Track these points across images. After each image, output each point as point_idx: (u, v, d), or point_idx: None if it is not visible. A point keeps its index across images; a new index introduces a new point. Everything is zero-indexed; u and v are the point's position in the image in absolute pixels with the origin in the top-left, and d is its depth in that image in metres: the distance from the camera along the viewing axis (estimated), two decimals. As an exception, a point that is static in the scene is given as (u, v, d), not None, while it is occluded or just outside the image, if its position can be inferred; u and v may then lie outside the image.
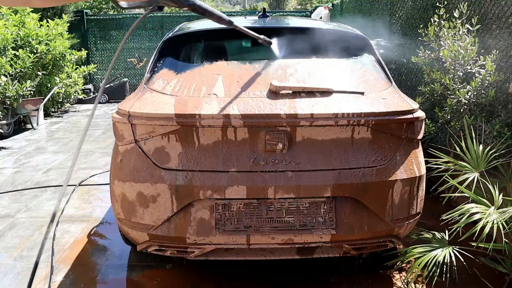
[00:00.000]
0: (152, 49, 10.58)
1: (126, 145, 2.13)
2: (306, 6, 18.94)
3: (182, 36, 2.56)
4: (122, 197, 2.14)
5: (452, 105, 2.91)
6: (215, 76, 2.30)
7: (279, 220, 2.08)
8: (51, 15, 9.35)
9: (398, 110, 2.10)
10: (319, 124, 2.02)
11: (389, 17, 5.25)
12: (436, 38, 3.23)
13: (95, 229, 3.22)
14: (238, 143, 2.05)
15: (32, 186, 4.16)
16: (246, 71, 2.32)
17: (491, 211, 2.12)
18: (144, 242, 2.21)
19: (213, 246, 2.13)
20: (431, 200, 3.25)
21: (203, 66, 2.39)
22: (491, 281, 2.39)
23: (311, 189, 2.04)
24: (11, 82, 6.31)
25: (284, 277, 2.53)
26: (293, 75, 2.28)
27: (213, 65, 2.39)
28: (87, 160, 5.08)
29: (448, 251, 2.24)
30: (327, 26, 2.78)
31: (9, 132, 6.47)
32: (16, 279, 2.55)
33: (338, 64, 2.47)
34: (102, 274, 2.61)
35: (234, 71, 2.33)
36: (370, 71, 2.46)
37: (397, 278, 2.52)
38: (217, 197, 2.05)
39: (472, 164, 2.40)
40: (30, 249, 2.92)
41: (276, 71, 2.31)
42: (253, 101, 2.07)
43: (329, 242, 2.13)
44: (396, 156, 2.12)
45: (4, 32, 6.49)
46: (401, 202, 2.14)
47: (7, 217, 3.44)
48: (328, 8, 9.52)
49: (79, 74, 8.51)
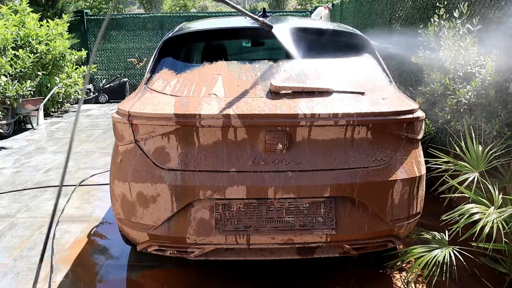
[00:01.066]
0: (152, 49, 10.59)
1: (126, 145, 2.13)
2: (306, 6, 18.97)
3: (182, 36, 2.56)
4: (122, 197, 2.14)
5: (452, 105, 2.91)
6: (215, 76, 2.30)
7: (279, 220, 2.08)
8: (51, 15, 9.35)
9: (398, 110, 2.10)
10: (319, 124, 2.02)
11: (389, 17, 5.25)
12: (436, 38, 3.22)
13: (95, 229, 3.22)
14: (238, 143, 2.05)
15: (32, 186, 4.17)
16: (246, 71, 2.32)
17: (491, 211, 2.12)
18: (144, 242, 2.21)
19: (213, 246, 2.13)
20: (431, 200, 3.25)
21: (203, 66, 2.39)
22: (491, 281, 2.39)
23: (311, 189, 2.04)
24: (11, 82, 6.31)
25: (284, 277, 2.53)
26: (293, 75, 2.28)
27: (213, 65, 2.39)
28: (87, 160, 5.08)
29: (448, 251, 2.24)
30: (327, 26, 2.78)
31: (9, 132, 6.47)
32: (16, 279, 2.55)
33: (338, 64, 2.46)
34: (102, 274, 2.61)
35: (234, 71, 2.33)
36: (370, 71, 2.46)
37: (397, 278, 2.52)
38: (217, 197, 2.05)
39: (472, 164, 2.40)
40: (30, 249, 2.92)
41: (276, 71, 2.31)
42: (253, 101, 2.07)
43: (329, 242, 2.13)
44: (396, 156, 2.12)
45: (4, 32, 6.49)
46: (401, 202, 2.14)
47: (7, 217, 3.44)
48: (328, 8, 9.52)
49: (79, 74, 8.51)
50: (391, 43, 4.66)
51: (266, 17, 2.87)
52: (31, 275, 2.59)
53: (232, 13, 13.67)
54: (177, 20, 10.54)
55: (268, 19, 2.83)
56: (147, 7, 19.63)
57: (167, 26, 10.69)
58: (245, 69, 2.34)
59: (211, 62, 2.42)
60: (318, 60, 2.45)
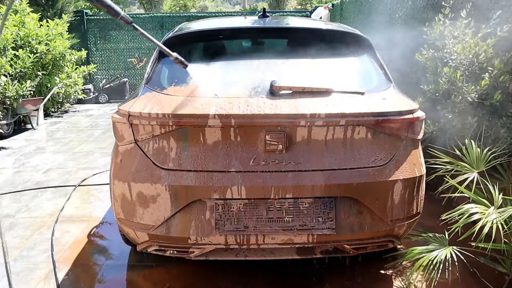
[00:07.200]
0: (152, 49, 10.58)
1: (126, 145, 2.13)
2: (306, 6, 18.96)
3: (182, 36, 2.56)
4: (122, 197, 2.14)
5: (456, 102, 2.89)
6: (215, 76, 2.30)
7: (279, 220, 2.08)
8: (51, 15, 9.36)
9: (398, 110, 2.10)
10: (319, 124, 2.02)
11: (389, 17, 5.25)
12: (441, 37, 3.21)
13: (95, 229, 3.22)
14: (238, 143, 2.05)
15: (32, 186, 4.16)
16: (246, 71, 2.32)
17: (491, 211, 2.12)
18: (144, 242, 2.21)
19: (213, 246, 2.13)
20: (431, 200, 3.25)
21: (203, 66, 2.38)
22: (491, 281, 2.40)
23: (311, 189, 2.04)
24: (11, 82, 6.31)
25: (284, 278, 2.53)
26: (293, 75, 2.28)
27: (213, 65, 2.38)
28: (87, 160, 5.08)
29: (448, 251, 2.23)
30: (327, 26, 2.78)
31: (9, 132, 6.47)
32: (16, 279, 2.55)
33: (338, 64, 2.46)
34: (102, 274, 2.61)
35: (234, 71, 2.33)
36: (370, 71, 2.46)
37: (397, 279, 2.52)
38: (217, 197, 2.05)
39: (471, 164, 2.40)
40: (30, 249, 2.92)
41: (276, 71, 2.31)
42: (253, 101, 2.07)
43: (329, 242, 2.13)
44: (396, 156, 2.12)
45: (4, 32, 6.49)
46: (401, 202, 2.14)
47: (7, 217, 3.44)
48: (328, 8, 9.52)
49: (79, 74, 8.51)
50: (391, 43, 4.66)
51: (266, 17, 2.87)
52: (31, 275, 2.59)
53: (232, 13, 13.66)
54: (177, 20, 10.55)
55: (268, 19, 2.83)
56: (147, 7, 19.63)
57: (167, 26, 10.70)
58: (245, 69, 2.34)
59: (211, 62, 2.42)
60: (318, 60, 2.44)
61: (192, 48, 2.60)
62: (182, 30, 2.65)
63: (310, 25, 2.90)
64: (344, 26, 2.91)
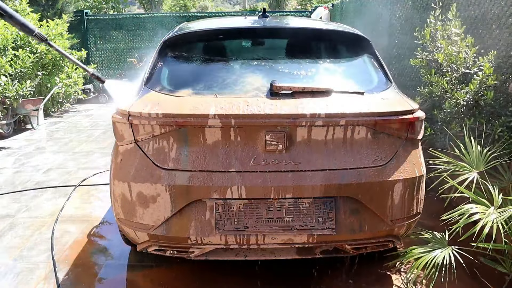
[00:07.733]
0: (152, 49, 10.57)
1: (126, 145, 2.13)
2: (306, 6, 18.95)
3: (182, 36, 2.56)
4: (122, 197, 2.14)
5: (451, 107, 2.91)
6: (215, 76, 2.30)
7: (279, 220, 2.08)
8: (51, 15, 9.36)
9: (398, 110, 2.10)
10: (319, 124, 2.02)
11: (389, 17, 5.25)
12: (433, 40, 3.22)
13: (95, 229, 3.22)
14: (238, 143, 2.05)
15: (32, 187, 4.16)
16: (246, 71, 2.32)
17: (491, 211, 2.12)
18: (144, 242, 2.21)
19: (213, 246, 2.13)
20: (431, 200, 3.25)
21: (203, 66, 2.39)
22: (491, 281, 2.40)
23: (311, 189, 2.04)
24: (11, 82, 6.31)
25: (284, 278, 2.53)
26: (293, 75, 2.28)
27: (213, 65, 2.39)
28: (87, 160, 5.08)
29: (448, 251, 2.23)
30: (327, 26, 2.78)
31: (9, 132, 6.47)
32: (16, 279, 2.55)
33: (338, 64, 2.47)
34: (102, 274, 2.61)
35: (234, 71, 2.33)
36: (370, 71, 2.46)
37: (397, 278, 2.52)
38: (217, 197, 2.05)
39: (471, 164, 2.40)
40: (30, 249, 2.92)
41: (276, 71, 2.31)
42: (253, 101, 2.07)
43: (329, 242, 2.13)
44: (396, 156, 2.12)
45: (4, 32, 6.49)
46: (401, 202, 2.14)
47: (7, 217, 3.44)
48: (328, 8, 9.51)
49: (79, 74, 8.51)
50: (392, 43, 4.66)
51: (266, 17, 2.87)
52: (31, 275, 2.59)
53: (232, 13, 13.66)
54: (177, 20, 10.54)
55: (268, 19, 2.83)
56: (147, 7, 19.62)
57: (167, 26, 10.68)
58: (245, 69, 2.34)
59: (211, 62, 2.42)
60: (318, 60, 2.45)
61: (192, 48, 2.60)
62: (182, 30, 2.65)
63: (310, 25, 2.91)
64: (344, 26, 2.91)
